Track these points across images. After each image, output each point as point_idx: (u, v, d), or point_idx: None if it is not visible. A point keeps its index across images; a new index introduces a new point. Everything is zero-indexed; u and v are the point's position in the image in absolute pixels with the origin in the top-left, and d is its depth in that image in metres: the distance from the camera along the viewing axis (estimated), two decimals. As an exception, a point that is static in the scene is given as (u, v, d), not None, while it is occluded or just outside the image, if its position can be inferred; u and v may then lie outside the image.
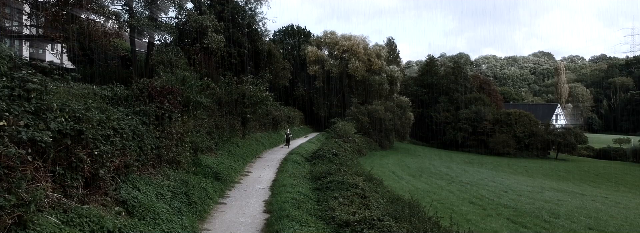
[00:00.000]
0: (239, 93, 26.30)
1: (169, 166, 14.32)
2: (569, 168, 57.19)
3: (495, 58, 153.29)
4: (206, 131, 21.43)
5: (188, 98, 15.84)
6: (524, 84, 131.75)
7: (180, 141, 15.25)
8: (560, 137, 63.63)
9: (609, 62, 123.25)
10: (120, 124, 10.72)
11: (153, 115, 13.07)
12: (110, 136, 9.56)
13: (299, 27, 61.44)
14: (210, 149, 20.76)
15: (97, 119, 8.97)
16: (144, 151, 11.88)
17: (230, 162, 20.93)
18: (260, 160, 26.54)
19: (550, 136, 64.39)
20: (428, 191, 27.26)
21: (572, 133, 64.28)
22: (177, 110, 14.29)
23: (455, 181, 34.61)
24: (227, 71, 31.12)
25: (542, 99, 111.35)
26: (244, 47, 32.72)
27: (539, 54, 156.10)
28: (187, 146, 15.78)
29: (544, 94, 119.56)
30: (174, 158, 14.57)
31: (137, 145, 11.48)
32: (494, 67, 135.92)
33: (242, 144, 26.84)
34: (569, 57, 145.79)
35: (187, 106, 15.95)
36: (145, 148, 11.95)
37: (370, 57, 57.03)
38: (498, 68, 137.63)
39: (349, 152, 42.44)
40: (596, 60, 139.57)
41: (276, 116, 38.71)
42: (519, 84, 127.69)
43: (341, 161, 26.86)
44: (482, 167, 52.42)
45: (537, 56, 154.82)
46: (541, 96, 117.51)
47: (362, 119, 52.25)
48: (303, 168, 24.17)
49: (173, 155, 14.53)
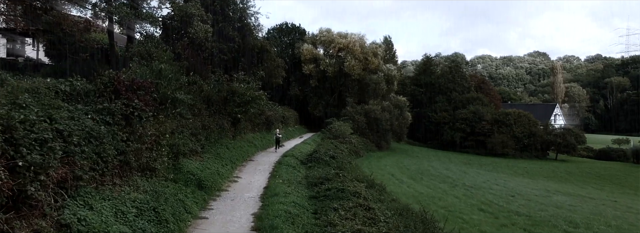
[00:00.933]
0: (228, 90, 24.02)
1: (141, 174, 12.05)
2: (569, 169, 55.34)
3: (490, 58, 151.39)
4: (191, 132, 19.15)
5: (165, 95, 13.55)
6: (520, 84, 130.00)
7: (156, 144, 12.97)
8: (560, 138, 61.73)
9: (605, 62, 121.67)
10: (69, 125, 8.43)
11: (119, 114, 10.78)
12: (48, 141, 7.25)
13: (294, 24, 59.12)
14: (195, 152, 18.47)
15: (20, 119, 6.67)
16: (103, 158, 9.59)
17: (218, 167, 18.64)
18: (251, 163, 24.26)
19: (549, 136, 62.50)
20: (432, 196, 25.10)
21: (572, 134, 62.39)
22: (151, 108, 12.00)
23: (458, 185, 32.57)
24: (217, 68, 28.82)
25: (538, 99, 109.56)
26: (235, 42, 30.38)
27: (535, 54, 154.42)
28: (164, 150, 13.51)
29: (539, 94, 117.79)
30: (147, 165, 12.30)
31: (93, 151, 9.17)
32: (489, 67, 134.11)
33: (233, 146, 24.55)
34: (564, 57, 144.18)
35: (164, 104, 13.65)
36: (106, 154, 9.66)
37: (367, 56, 54.79)
38: (493, 68, 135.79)
39: (346, 153, 40.28)
40: (592, 60, 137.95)
41: (270, 116, 36.43)
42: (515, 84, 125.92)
43: (339, 165, 24.65)
44: (482, 168, 50.57)
45: (533, 55, 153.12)
46: (537, 96, 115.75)
47: (359, 120, 50.09)
48: (298, 173, 21.92)
49: (146, 161, 12.26)
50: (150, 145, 12.58)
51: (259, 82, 29.11)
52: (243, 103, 25.80)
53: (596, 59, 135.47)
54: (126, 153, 10.71)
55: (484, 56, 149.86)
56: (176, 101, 14.11)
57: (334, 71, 55.39)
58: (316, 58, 55.30)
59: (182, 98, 14.25)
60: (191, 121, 19.61)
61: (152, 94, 12.19)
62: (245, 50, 30.82)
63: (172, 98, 13.87)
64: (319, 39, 56.30)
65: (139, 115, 11.17)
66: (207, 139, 20.76)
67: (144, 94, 11.52)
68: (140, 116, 11.16)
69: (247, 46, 31.26)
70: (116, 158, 10.31)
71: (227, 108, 24.19)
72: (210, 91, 23.81)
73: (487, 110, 65.05)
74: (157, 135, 13.02)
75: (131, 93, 11.13)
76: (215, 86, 25.34)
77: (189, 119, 19.43)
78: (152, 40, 22.58)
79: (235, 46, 30.37)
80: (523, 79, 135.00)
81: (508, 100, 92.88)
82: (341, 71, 54.87)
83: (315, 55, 55.23)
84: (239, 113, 25.76)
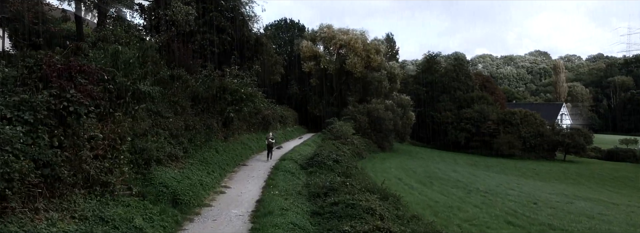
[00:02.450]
0: (219, 86, 20.71)
1: (87, 191, 8.74)
2: (580, 170, 52.07)
3: (491, 57, 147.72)
4: (170, 133, 15.82)
5: (124, 85, 10.18)
6: (521, 84, 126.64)
7: (111, 150, 9.66)
8: (569, 138, 58.39)
9: (607, 61, 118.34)
10: None
11: (45, 109, 7.47)
12: None
13: (293, 21, 55.69)
14: (174, 158, 15.15)
15: None
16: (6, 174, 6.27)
17: (201, 175, 15.33)
18: (244, 168, 20.90)
19: (557, 137, 59.14)
20: (450, 206, 21.78)
21: (580, 134, 59.07)
22: (100, 102, 8.69)
23: (472, 190, 29.35)
24: (208, 62, 25.48)
25: (541, 99, 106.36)
26: (228, 33, 27.03)
27: (536, 53, 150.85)
28: (124, 157, 10.19)
29: (541, 93, 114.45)
30: (96, 178, 8.98)
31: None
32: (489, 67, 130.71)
33: (224, 149, 21.22)
34: (565, 56, 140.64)
35: (123, 98, 10.30)
36: (10, 169, 6.34)
37: (369, 53, 51.42)
38: (494, 67, 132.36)
39: (349, 155, 37.09)
40: (593, 59, 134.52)
41: (267, 116, 33.09)
42: (516, 84, 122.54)
43: (344, 170, 21.35)
44: (489, 170, 47.42)
45: (534, 55, 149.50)
46: (539, 95, 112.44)
47: (361, 119, 46.84)
48: (297, 180, 18.63)
49: (95, 174, 8.96)
50: (103, 152, 9.26)
51: (254, 79, 25.79)
52: (236, 100, 22.52)
53: (598, 58, 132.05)
54: (54, 164, 7.38)
55: (484, 55, 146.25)
56: (140, 94, 10.76)
57: (334, 68, 52.09)
58: (316, 55, 51.97)
59: (147, 89, 10.88)
60: (172, 121, 16.29)
61: (102, 84, 8.85)
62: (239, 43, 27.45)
63: (133, 90, 10.51)
64: (319, 35, 52.94)
65: (77, 111, 7.84)
66: (192, 142, 17.44)
67: (85, 84, 8.20)
68: (77, 112, 7.83)
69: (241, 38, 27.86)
70: (35, 173, 6.97)
71: (216, 106, 20.89)
72: (197, 87, 20.49)
73: (492, 109, 61.72)
74: (114, 138, 9.69)
75: (65, 81, 7.83)
76: (205, 81, 22.05)
77: (169, 118, 16.12)
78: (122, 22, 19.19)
79: (228, 37, 27.05)
80: (524, 78, 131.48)
81: (512, 99, 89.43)
82: (342, 69, 51.55)
83: (316, 52, 51.90)
84: (232, 111, 22.48)
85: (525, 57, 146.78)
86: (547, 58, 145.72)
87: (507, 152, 58.59)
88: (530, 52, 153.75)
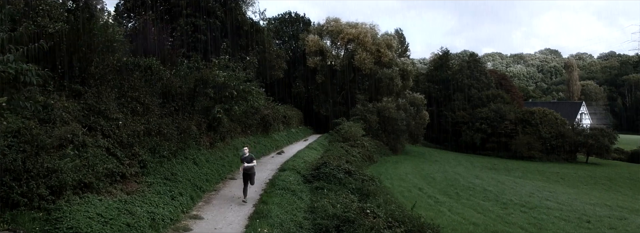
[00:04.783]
0: (198, 79, 15.76)
1: None
2: (607, 174, 46.79)
3: (500, 56, 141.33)
4: (119, 142, 10.88)
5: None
6: (531, 82, 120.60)
7: None
8: (592, 138, 52.97)
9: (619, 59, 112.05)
10: None
11: None
12: None
13: (298, 14, 50.55)
14: (120, 179, 10.19)
15: None
16: None
17: (159, 203, 10.33)
18: (231, 184, 15.82)
19: (580, 137, 53.72)
20: (493, 231, 16.68)
21: (604, 134, 53.61)
22: None
23: (507, 203, 24.35)
24: (193, 52, 20.50)
25: (552, 98, 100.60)
26: (217, 17, 21.99)
27: (546, 52, 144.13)
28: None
29: (553, 92, 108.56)
30: None
31: None
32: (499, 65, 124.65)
33: (207, 158, 16.23)
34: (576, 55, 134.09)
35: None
36: None
37: (379, 48, 46.27)
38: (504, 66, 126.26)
39: (359, 159, 32.17)
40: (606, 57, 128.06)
41: (266, 116, 28.12)
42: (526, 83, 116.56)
43: (359, 185, 16.28)
44: (510, 174, 42.38)
45: (544, 53, 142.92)
46: (551, 94, 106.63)
47: (371, 119, 41.84)
48: (299, 201, 13.61)
49: None
50: None
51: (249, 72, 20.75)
52: (225, 97, 17.55)
53: (610, 56, 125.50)
54: None
55: (493, 54, 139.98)
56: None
57: (342, 64, 47.03)
58: (322, 50, 46.88)
59: (23, 68, 5.75)
60: (122, 124, 11.32)
61: None
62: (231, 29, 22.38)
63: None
64: (326, 29, 47.84)
65: None
66: (155, 153, 12.47)
67: None
68: None
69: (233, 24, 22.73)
70: None
71: (197, 104, 15.92)
72: (171, 81, 15.51)
73: (509, 109, 56.38)
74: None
75: None
76: (180, 73, 17.07)
77: (116, 121, 11.15)
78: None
79: (218, 22, 22.03)
80: (534, 77, 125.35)
81: (528, 98, 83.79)
82: (350, 65, 46.44)
83: (322, 47, 46.79)
84: (220, 110, 17.50)
85: (535, 56, 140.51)
86: (558, 56, 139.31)
87: (525, 154, 53.34)
88: (540, 50, 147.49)
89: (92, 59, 12.07)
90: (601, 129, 55.21)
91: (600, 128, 55.44)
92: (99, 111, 10.91)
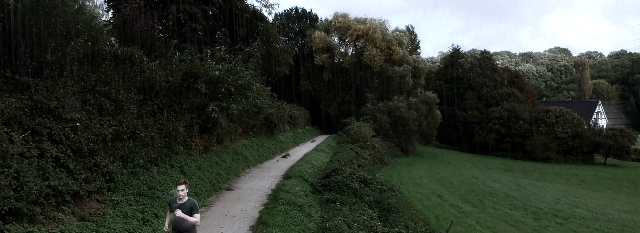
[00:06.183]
0: (186, 71, 13.17)
1: None
2: (630, 176, 43.80)
3: (509, 54, 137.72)
4: (74, 150, 8.23)
5: None
6: (541, 81, 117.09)
7: None
8: (611, 139, 49.89)
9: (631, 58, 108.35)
10: None
11: None
12: None
13: (304, 10, 47.90)
14: (71, 198, 7.57)
15: None
16: None
17: (122, 231, 7.72)
18: (225, 197, 13.15)
19: (598, 137, 50.64)
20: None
21: (624, 134, 50.48)
22: None
23: (537, 212, 21.68)
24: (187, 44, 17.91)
25: (563, 97, 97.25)
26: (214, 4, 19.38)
27: (555, 51, 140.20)
28: None
29: (563, 91, 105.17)
30: None
31: None
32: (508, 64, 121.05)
33: (197, 167, 13.58)
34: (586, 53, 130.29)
35: None
36: None
37: (390, 45, 43.51)
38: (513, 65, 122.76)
39: (370, 161, 29.54)
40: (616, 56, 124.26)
41: (271, 115, 25.51)
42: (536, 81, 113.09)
43: (377, 197, 13.56)
44: (527, 176, 39.69)
45: (554, 52, 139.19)
46: (561, 93, 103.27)
47: (381, 119, 39.13)
48: (306, 220, 10.91)
49: None
50: None
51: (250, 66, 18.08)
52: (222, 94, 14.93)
53: (621, 55, 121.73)
54: None
55: (502, 53, 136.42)
56: None
57: (350, 62, 44.30)
58: (330, 47, 44.19)
59: None
60: (79, 126, 8.70)
61: None
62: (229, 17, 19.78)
63: None
64: (334, 25, 45.12)
65: None
66: (128, 162, 9.85)
67: None
68: None
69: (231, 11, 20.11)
70: None
71: (185, 101, 13.31)
72: (156, 74, 12.89)
73: (523, 108, 53.39)
74: None
75: None
76: (178, 66, 14.49)
77: (73, 122, 8.53)
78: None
79: (216, 9, 19.43)
80: (544, 76, 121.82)
81: (541, 97, 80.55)
82: (360, 63, 43.71)
83: (329, 43, 44.11)
84: (215, 109, 14.89)
85: (544, 55, 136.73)
86: (568, 55, 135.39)
87: (541, 155, 50.36)
88: (550, 49, 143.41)
89: (48, 44, 9.47)
90: (620, 129, 52.05)
91: (619, 128, 52.28)
92: (48, 109, 8.30)
